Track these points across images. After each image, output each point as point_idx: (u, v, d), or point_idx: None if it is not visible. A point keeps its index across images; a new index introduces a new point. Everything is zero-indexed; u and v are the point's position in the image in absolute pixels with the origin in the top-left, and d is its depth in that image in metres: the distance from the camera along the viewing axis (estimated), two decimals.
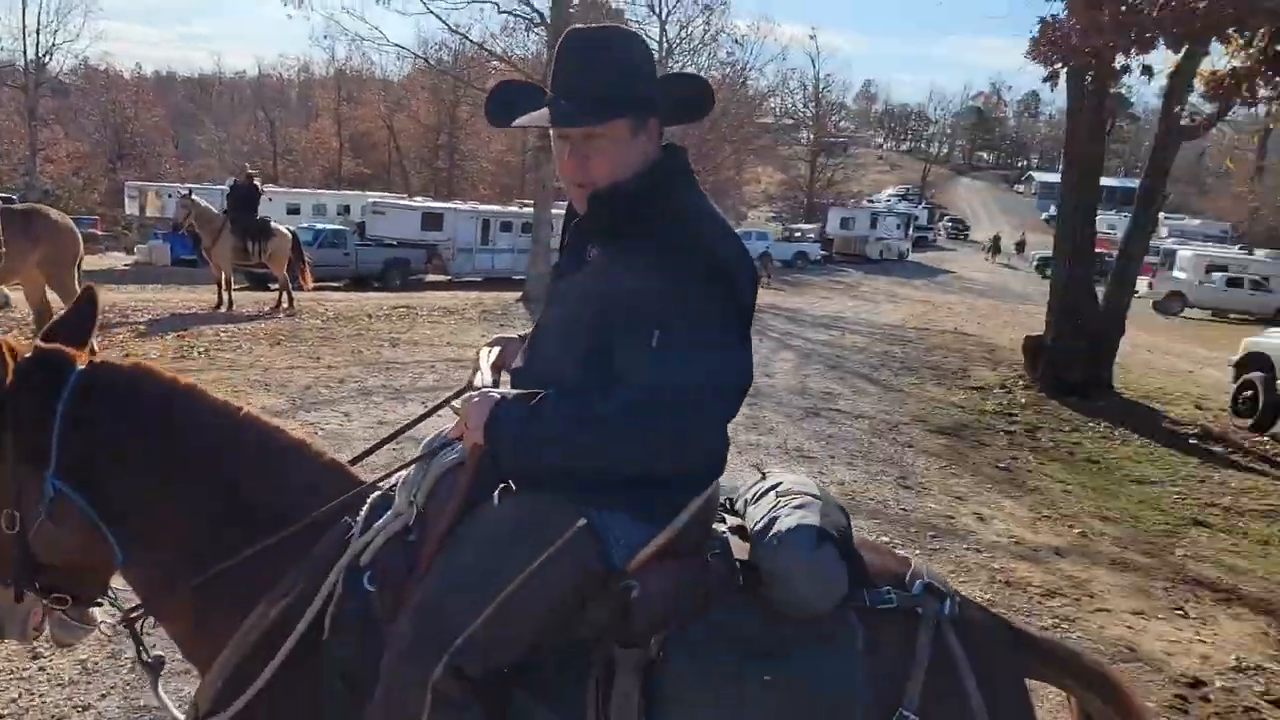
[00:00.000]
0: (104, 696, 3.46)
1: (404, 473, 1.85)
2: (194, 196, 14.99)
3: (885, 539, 5.75)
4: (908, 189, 75.17)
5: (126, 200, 37.03)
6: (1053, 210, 31.79)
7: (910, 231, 49.56)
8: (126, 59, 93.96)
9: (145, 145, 55.32)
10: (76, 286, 8.42)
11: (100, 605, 1.83)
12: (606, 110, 1.69)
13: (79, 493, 1.65)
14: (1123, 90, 18.22)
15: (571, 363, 1.73)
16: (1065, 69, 11.30)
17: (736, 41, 26.41)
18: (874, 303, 26.66)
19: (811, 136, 58.28)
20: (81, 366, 1.70)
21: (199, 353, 10.45)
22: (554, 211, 22.68)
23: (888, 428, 9.41)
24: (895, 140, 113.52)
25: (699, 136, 27.29)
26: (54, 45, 45.13)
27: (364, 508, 1.79)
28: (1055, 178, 28.36)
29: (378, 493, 1.83)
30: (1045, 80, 11.39)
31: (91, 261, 15.69)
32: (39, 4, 56.70)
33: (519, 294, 19.48)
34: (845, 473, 7.46)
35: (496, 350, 2.06)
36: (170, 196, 26.68)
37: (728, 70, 29.00)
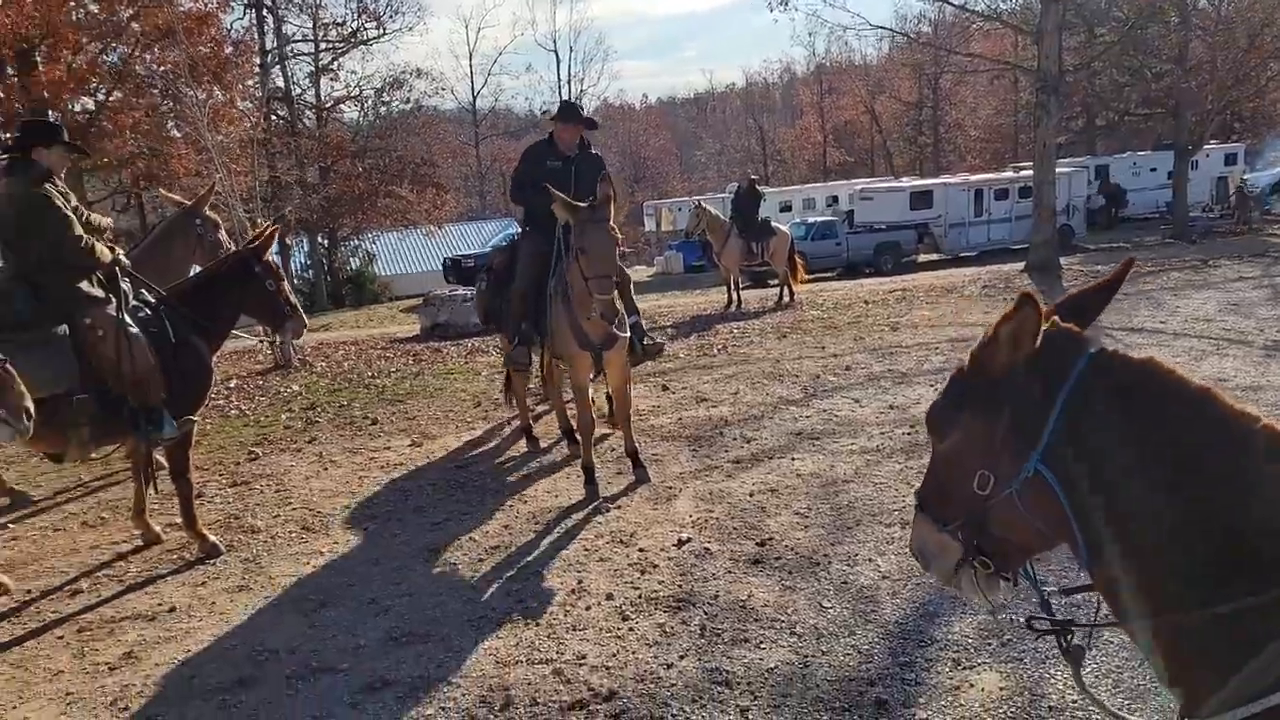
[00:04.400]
0: (682, 657, 3.97)
1: None
2: (705, 205, 16.63)
3: None
4: None
5: (645, 218, 41.75)
6: None
7: None
8: (635, 92, 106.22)
9: (655, 167, 62.17)
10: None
11: (1008, 581, 1.79)
12: None
13: (1058, 481, 1.58)
14: None
15: None
16: None
17: None
18: None
19: None
20: (1092, 350, 1.61)
21: (718, 349, 11.44)
22: (1059, 170, 20.88)
23: None
24: None
25: (1233, 59, 23.08)
26: (583, 91, 53.12)
27: None
28: None
29: None
30: None
31: None
32: (569, 59, 66.79)
33: (1021, 265, 18.28)
34: None
35: None
36: (680, 210, 29.52)
37: None
